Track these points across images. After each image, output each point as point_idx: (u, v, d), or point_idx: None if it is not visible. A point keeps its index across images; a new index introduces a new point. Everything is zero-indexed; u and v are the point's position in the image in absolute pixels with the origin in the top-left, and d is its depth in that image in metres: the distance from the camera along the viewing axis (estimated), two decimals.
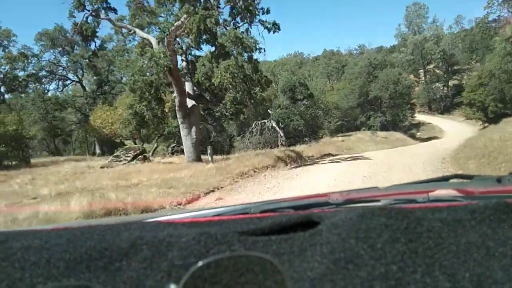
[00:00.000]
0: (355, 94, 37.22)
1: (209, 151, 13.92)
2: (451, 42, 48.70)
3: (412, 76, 50.27)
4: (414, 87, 36.34)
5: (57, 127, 33.15)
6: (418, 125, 44.39)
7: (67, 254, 0.49)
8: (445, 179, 1.00)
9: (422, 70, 51.12)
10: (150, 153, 28.25)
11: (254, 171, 11.67)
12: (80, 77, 31.01)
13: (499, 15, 24.99)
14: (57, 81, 30.88)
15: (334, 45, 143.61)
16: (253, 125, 30.76)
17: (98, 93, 30.99)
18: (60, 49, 27.27)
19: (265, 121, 30.44)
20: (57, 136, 33.08)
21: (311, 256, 0.47)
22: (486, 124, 42.02)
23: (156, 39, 13.39)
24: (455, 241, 0.48)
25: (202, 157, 14.78)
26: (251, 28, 14.63)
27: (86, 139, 33.07)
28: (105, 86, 31.28)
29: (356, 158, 14.62)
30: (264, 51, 14.68)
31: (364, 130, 36.18)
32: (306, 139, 30.28)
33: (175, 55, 12.71)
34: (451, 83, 51.47)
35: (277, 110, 27.88)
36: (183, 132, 14.26)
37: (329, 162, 14.03)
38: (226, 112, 17.34)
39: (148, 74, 12.59)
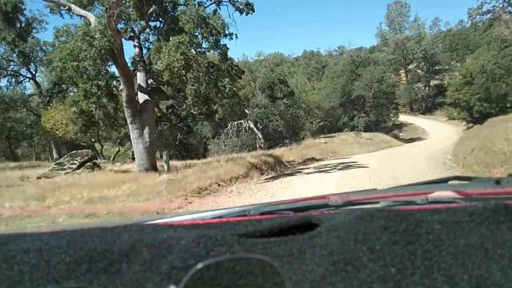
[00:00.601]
0: (337, 93, 34.52)
1: (164, 158, 10.70)
2: (431, 42, 46.79)
3: (393, 76, 48.12)
4: (398, 85, 33.89)
5: (12, 129, 29.00)
6: (401, 125, 42.99)
7: (67, 257, 0.48)
8: (444, 180, 0.99)
9: (403, 70, 49.04)
10: (111, 158, 24.61)
11: (219, 185, 8.52)
12: (34, 72, 26.99)
13: (494, 5, 22.67)
14: (9, 77, 26.76)
15: (313, 46, 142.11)
16: (229, 126, 27.45)
17: (54, 91, 27.05)
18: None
19: (242, 121, 27.17)
20: (10, 139, 28.92)
21: (310, 258, 0.47)
22: (470, 125, 39.91)
23: (96, 16, 9.98)
24: (454, 243, 0.48)
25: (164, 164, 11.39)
26: (219, 9, 11.48)
27: (49, 143, 29.12)
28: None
29: (347, 165, 11.62)
30: (236, 37, 11.54)
31: (347, 131, 33.49)
32: (287, 141, 27.17)
33: (119, 36, 9.40)
34: (432, 83, 49.75)
35: (255, 110, 24.75)
36: (132, 135, 10.96)
37: (315, 171, 10.97)
38: (192, 109, 13.96)
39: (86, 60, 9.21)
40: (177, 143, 32.44)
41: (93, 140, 23.31)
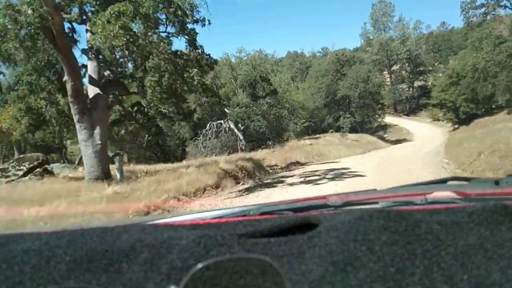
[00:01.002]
0: (322, 93, 32.69)
1: (117, 164, 8.40)
2: (415, 43, 45.72)
3: (378, 75, 46.82)
4: (383, 85, 32.30)
5: None
6: (385, 127, 41.96)
7: (67, 257, 0.48)
8: (443, 181, 1.00)
9: (387, 71, 47.84)
10: (76, 162, 22.02)
11: (179, 200, 6.39)
12: None
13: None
14: None
15: (297, 47, 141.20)
16: (208, 127, 25.21)
17: (15, 88, 24.21)
18: None
19: (222, 121, 24.97)
20: None
21: (309, 258, 0.47)
22: (456, 126, 38.66)
23: None
24: (453, 243, 0.48)
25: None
26: None
27: (7, 145, 26.24)
28: None
29: (338, 173, 9.73)
30: (209, 23, 9.39)
31: (332, 132, 31.68)
32: (270, 143, 25.09)
33: (58, 14, 7.06)
34: (416, 84, 48.75)
35: (236, 109, 22.55)
36: (80, 136, 8.75)
37: (300, 181, 8.89)
38: (157, 106, 11.74)
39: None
40: (150, 145, 30.07)
41: (56, 141, 20.65)
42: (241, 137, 24.13)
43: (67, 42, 8.16)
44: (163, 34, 9.21)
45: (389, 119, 46.77)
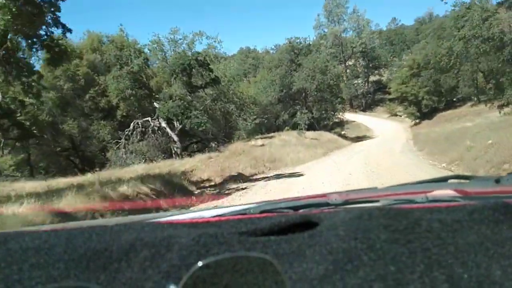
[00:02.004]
0: (275, 86, 27.35)
1: None
2: (369, 36, 42.28)
3: (337, 65, 42.73)
4: (343, 76, 27.68)
5: None
6: (342, 123, 38.65)
7: (66, 255, 0.47)
8: (443, 179, 0.99)
9: (342, 66, 43.97)
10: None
11: None
12: None
13: None
14: None
15: (250, 44, 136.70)
16: (131, 126, 18.79)
17: None
18: None
19: (149, 119, 18.73)
20: None
21: (310, 257, 0.46)
22: (417, 120, 34.93)
23: None
24: (454, 241, 0.47)
25: None
26: None
27: None
28: None
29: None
30: None
31: (288, 129, 26.40)
32: (213, 144, 19.30)
33: None
34: (371, 79, 45.48)
35: (169, 103, 16.46)
36: None
37: None
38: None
39: None
40: (64, 150, 23.20)
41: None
42: (175, 139, 18.02)
43: None
44: None
45: (346, 115, 43.19)
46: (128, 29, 56.21)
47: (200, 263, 0.37)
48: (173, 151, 18.52)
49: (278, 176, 9.58)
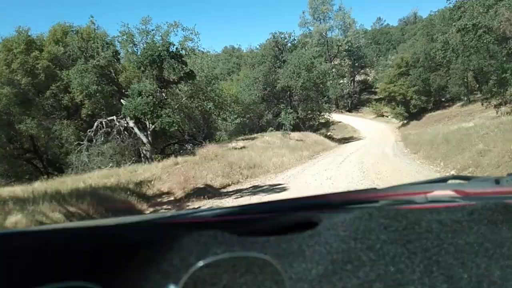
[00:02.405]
0: (258, 83, 25.15)
1: None
2: (354, 35, 40.69)
3: (323, 62, 41.05)
4: (330, 73, 25.77)
5: None
6: (328, 124, 36.73)
7: (66, 254, 0.47)
8: (443, 180, 0.95)
9: (328, 64, 42.29)
10: None
11: None
12: None
13: None
14: None
15: (235, 43, 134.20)
16: (94, 126, 16.31)
17: None
18: None
19: (114, 118, 16.28)
20: None
21: (310, 257, 0.47)
22: (405, 121, 33.25)
23: None
24: (453, 241, 0.48)
25: None
26: None
27: None
28: None
29: None
30: None
31: (272, 130, 24.27)
32: (189, 146, 17.15)
33: None
34: (357, 78, 43.94)
35: (136, 100, 14.10)
36: None
37: None
38: None
39: None
40: (22, 153, 20.57)
41: None
42: (145, 140, 15.61)
43: None
44: None
45: (332, 116, 41.44)
46: (106, 26, 53.09)
47: (200, 263, 0.37)
48: (142, 154, 16.12)
49: (254, 190, 7.45)
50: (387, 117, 40.51)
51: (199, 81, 18.60)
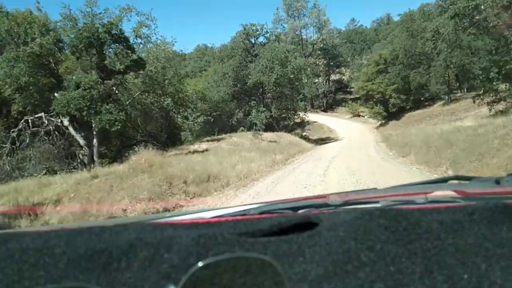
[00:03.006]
0: (228, 79, 22.02)
1: None
2: (329, 34, 38.61)
3: (298, 56, 38.68)
4: (306, 68, 23.10)
5: None
6: (303, 124, 34.84)
7: (65, 255, 0.46)
8: (443, 180, 0.96)
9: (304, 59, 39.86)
10: None
11: None
12: None
13: None
14: None
15: (208, 42, 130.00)
16: (20, 125, 12.67)
17: None
18: None
19: (42, 115, 12.79)
20: None
21: (310, 257, 0.46)
22: (383, 121, 31.06)
23: None
24: (454, 242, 0.47)
25: None
26: None
27: None
28: None
29: None
30: None
31: (243, 130, 21.23)
32: (139, 149, 13.82)
33: None
34: (332, 77, 41.90)
35: (71, 94, 10.56)
36: None
37: None
38: None
39: None
40: None
41: None
42: (81, 142, 12.14)
43: None
44: None
45: (307, 115, 39.09)
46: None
47: (200, 264, 0.36)
48: (79, 159, 12.67)
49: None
50: (364, 117, 38.77)
51: (155, 73, 15.29)
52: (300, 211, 0.78)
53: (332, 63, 42.52)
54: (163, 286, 0.40)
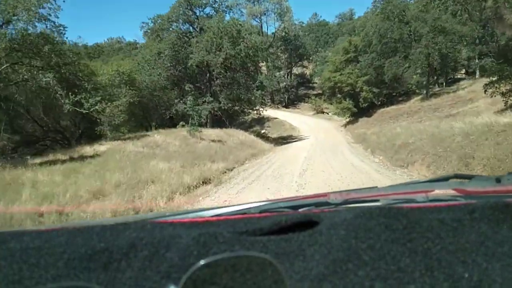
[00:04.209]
0: (164, 59, 15.37)
1: None
2: (291, 23, 33.40)
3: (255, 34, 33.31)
4: (265, 49, 17.25)
5: None
6: (262, 120, 30.52)
7: (66, 255, 0.47)
8: (444, 179, 0.94)
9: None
10: None
11: None
12: None
13: None
14: None
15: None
16: None
17: None
18: None
19: None
20: None
21: (310, 256, 0.46)
22: (351, 118, 25.74)
23: None
24: (454, 240, 0.47)
25: None
26: None
27: None
28: None
29: None
30: None
31: (184, 125, 14.44)
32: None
33: None
34: (294, 71, 36.83)
35: None
36: None
37: None
38: None
39: None
40: None
41: None
42: None
43: None
44: None
45: (266, 112, 33.23)
46: None
47: (200, 263, 0.36)
48: None
49: None
50: (328, 114, 34.13)
51: (28, 35, 8.64)
52: (300, 210, 0.77)
53: (294, 55, 37.70)
54: (164, 285, 0.40)
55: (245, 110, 22.52)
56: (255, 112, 21.43)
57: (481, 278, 0.40)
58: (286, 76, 41.49)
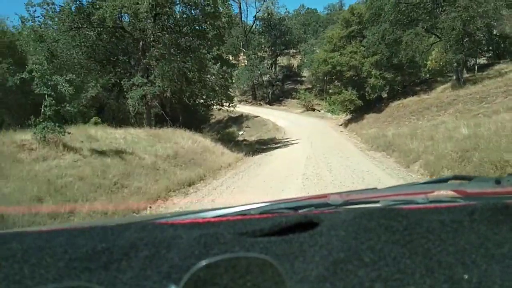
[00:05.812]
0: (64, 15, 7.29)
1: None
2: (275, 3, 27.55)
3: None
4: (234, 20, 9.55)
5: None
6: (240, 119, 24.85)
7: (66, 255, 0.48)
8: (444, 180, 0.95)
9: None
10: None
11: None
12: None
13: None
14: None
15: None
16: None
17: None
18: None
19: None
20: None
21: (310, 257, 0.46)
22: (352, 115, 17.79)
23: None
24: (454, 242, 0.48)
25: None
26: None
27: None
28: None
29: None
30: None
31: (97, 123, 5.46)
32: None
33: None
34: (279, 62, 30.18)
35: None
36: None
37: None
38: None
39: None
40: None
41: None
42: None
43: None
44: None
45: (246, 109, 28.66)
46: None
47: (201, 263, 0.36)
48: None
49: None
50: (320, 111, 27.06)
51: None
52: (300, 211, 0.77)
53: (279, 42, 30.62)
54: (164, 286, 0.40)
55: (208, 102, 15.20)
56: (217, 106, 13.50)
57: (481, 280, 0.39)
58: (269, 68, 35.06)
